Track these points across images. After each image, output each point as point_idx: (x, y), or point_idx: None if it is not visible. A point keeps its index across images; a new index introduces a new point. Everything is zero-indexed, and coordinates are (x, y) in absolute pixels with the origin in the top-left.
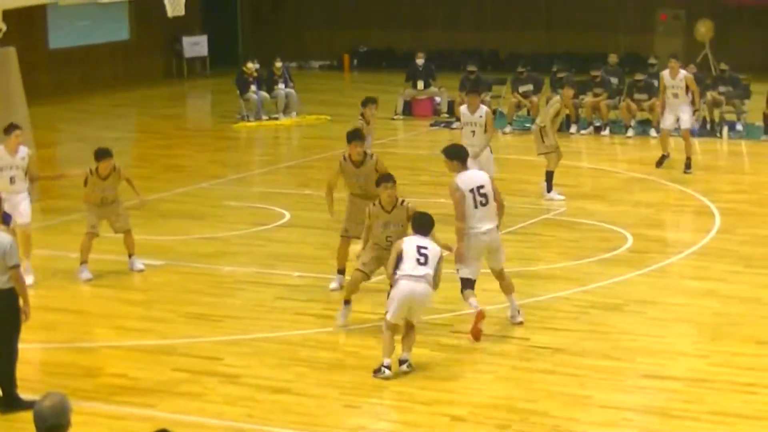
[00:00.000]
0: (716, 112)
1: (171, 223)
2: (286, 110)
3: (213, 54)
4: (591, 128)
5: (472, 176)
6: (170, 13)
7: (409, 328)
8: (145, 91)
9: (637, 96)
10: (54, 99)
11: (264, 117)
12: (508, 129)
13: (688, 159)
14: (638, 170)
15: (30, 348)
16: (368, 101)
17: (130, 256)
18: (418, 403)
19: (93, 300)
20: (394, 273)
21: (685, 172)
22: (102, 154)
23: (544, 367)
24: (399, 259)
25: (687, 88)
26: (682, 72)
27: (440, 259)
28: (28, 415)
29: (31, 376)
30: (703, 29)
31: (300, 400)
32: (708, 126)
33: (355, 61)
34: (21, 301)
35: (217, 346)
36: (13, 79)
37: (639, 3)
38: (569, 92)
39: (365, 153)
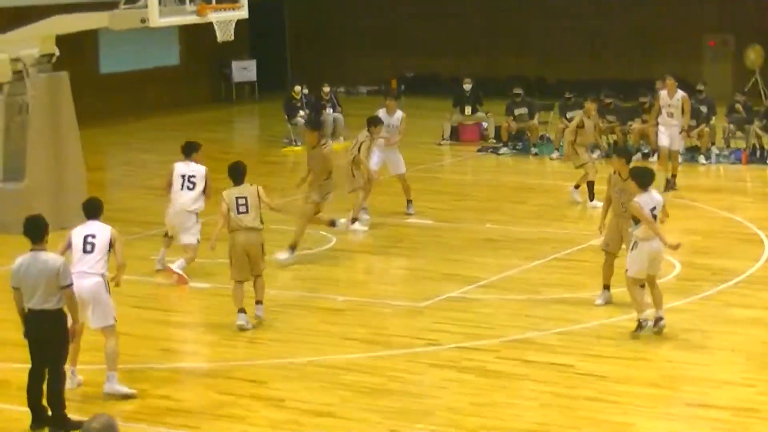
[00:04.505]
0: (765, 139)
1: (218, 245)
2: (334, 135)
3: (261, 79)
4: (639, 155)
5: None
6: (220, 38)
7: (654, 285)
8: (193, 116)
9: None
10: (104, 123)
11: None
12: (555, 155)
13: (674, 177)
14: (685, 197)
15: (77, 369)
16: (376, 121)
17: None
18: (462, 429)
19: (138, 322)
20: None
21: (665, 190)
22: None
23: (588, 394)
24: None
25: (682, 108)
26: (680, 92)
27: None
28: None
29: (78, 397)
30: (753, 56)
31: (343, 424)
32: (758, 153)
33: (403, 86)
34: (70, 322)
35: (261, 370)
36: (65, 103)
37: (687, 29)
38: (591, 106)
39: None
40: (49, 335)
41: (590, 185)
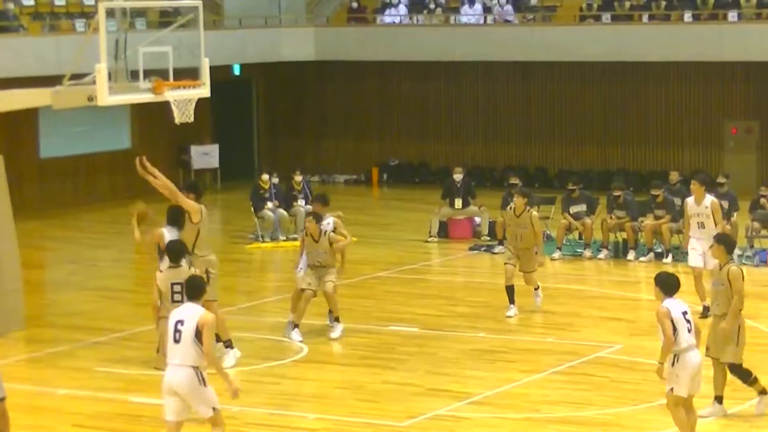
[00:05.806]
0: None
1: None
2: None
3: (225, 165)
4: (651, 255)
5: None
6: (178, 120)
7: (691, 411)
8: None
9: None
10: (44, 214)
11: (281, 237)
12: (557, 254)
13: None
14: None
15: None
16: (310, 215)
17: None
18: None
19: None
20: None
21: (703, 317)
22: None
23: None
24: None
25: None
26: (709, 197)
27: None
28: None
29: None
30: None
31: None
32: None
33: (385, 176)
34: None
35: None
36: None
37: (706, 115)
38: (519, 201)
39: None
40: None
41: (507, 290)
